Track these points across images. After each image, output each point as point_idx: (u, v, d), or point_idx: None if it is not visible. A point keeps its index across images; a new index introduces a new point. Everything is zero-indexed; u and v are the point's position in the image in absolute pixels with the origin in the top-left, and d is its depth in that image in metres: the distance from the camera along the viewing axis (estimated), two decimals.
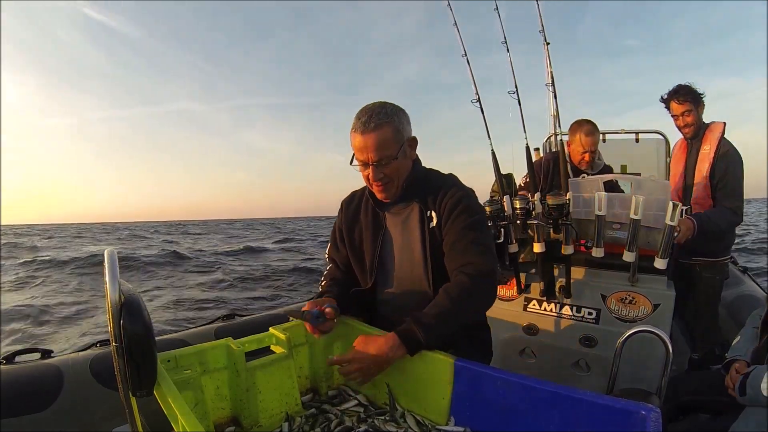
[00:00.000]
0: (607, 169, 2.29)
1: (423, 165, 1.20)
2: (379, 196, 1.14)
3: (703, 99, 1.98)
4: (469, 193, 1.12)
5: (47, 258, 13.04)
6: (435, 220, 1.10)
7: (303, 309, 1.06)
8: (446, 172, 1.20)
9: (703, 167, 1.96)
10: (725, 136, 1.96)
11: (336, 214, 1.29)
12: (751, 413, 1.16)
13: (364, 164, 1.07)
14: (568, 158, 2.16)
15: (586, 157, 2.11)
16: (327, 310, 1.05)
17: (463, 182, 1.18)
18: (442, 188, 1.11)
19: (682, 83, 1.99)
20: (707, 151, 1.96)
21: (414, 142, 1.13)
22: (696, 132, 2.01)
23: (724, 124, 1.98)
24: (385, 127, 1.03)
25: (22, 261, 12.88)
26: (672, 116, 2.03)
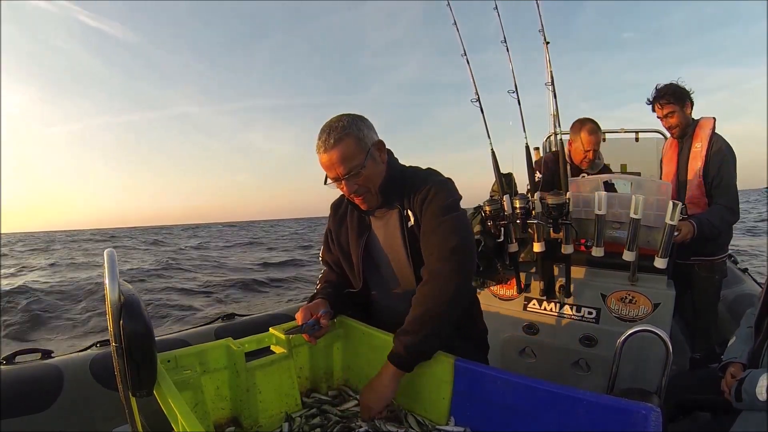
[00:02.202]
0: (606, 169, 2.28)
1: (401, 163, 1.18)
2: (362, 207, 1.14)
3: (691, 96, 1.96)
4: (441, 182, 1.10)
5: None
6: (412, 220, 1.10)
7: (297, 316, 1.07)
8: (424, 167, 1.18)
9: (695, 165, 1.95)
10: (716, 131, 1.93)
11: None
12: (749, 417, 1.15)
13: (336, 180, 1.07)
14: (568, 157, 2.16)
15: (589, 155, 2.10)
16: (322, 321, 1.05)
17: (444, 175, 1.16)
18: (416, 186, 1.10)
19: (668, 83, 1.97)
20: (699, 149, 1.94)
21: (381, 145, 1.11)
22: (683, 131, 2.01)
23: (714, 119, 1.95)
24: (345, 140, 1.02)
25: None
26: (657, 118, 2.03)
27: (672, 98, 1.94)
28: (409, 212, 1.10)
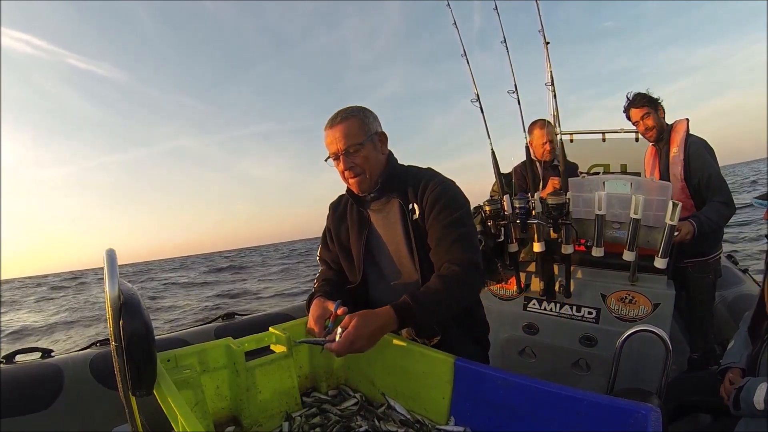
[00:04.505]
0: (572, 165, 2.38)
1: (401, 163, 1.22)
2: (354, 189, 1.16)
3: (661, 103, 2.03)
4: (450, 185, 1.14)
5: None
6: (417, 212, 1.13)
7: (312, 327, 1.02)
8: (425, 167, 1.22)
9: (676, 170, 1.99)
10: (691, 131, 1.98)
11: None
12: (750, 422, 1.14)
13: (336, 156, 1.11)
14: (533, 155, 2.29)
15: (546, 147, 2.24)
16: (340, 312, 0.99)
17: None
18: (422, 181, 1.14)
19: (636, 92, 2.05)
20: (676, 153, 1.99)
21: (383, 137, 1.16)
22: (659, 134, 2.06)
23: (687, 120, 2.01)
24: (351, 119, 1.09)
25: None
26: (633, 124, 2.10)
27: (645, 101, 2.02)
28: (415, 205, 1.13)
